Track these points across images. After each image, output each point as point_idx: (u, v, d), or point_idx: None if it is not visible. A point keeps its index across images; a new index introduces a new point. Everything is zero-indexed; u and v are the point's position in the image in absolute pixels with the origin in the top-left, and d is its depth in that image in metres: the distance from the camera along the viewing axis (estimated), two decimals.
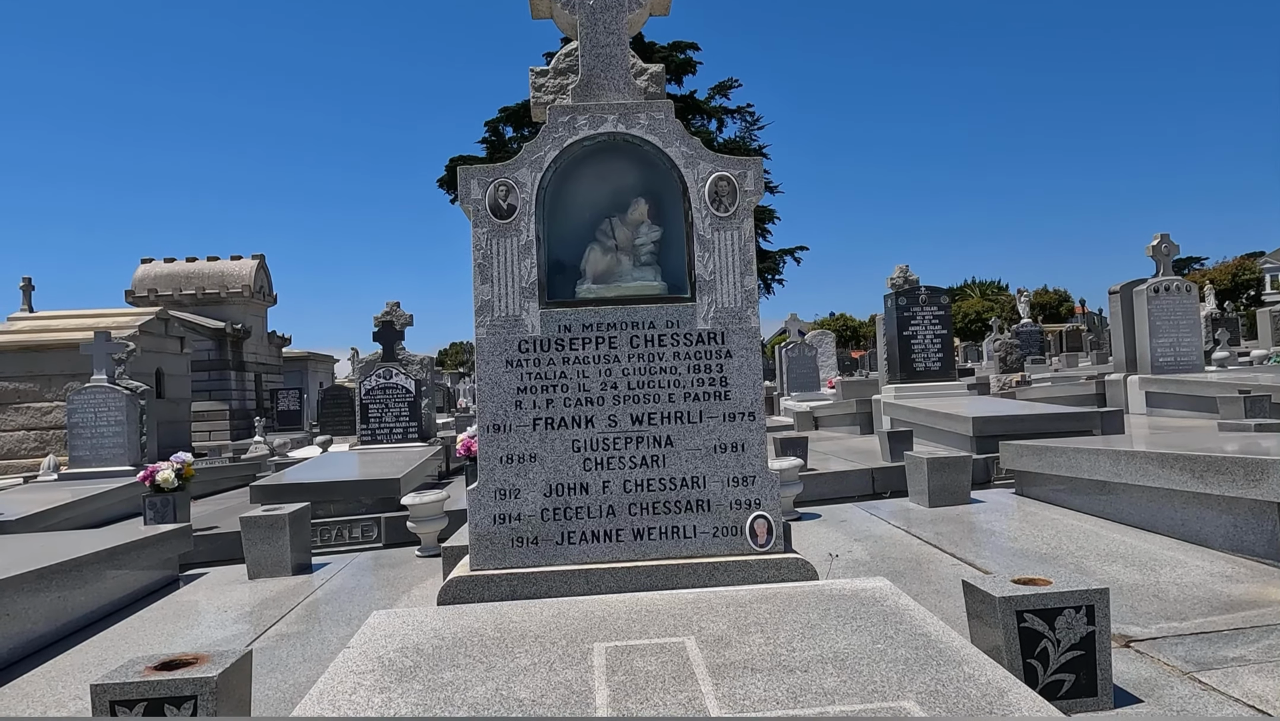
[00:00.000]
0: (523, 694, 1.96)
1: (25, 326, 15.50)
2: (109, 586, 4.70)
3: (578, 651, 2.22)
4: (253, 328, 23.06)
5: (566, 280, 3.06)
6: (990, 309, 49.01)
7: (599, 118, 2.97)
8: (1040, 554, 4.45)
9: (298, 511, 5.49)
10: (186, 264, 23.47)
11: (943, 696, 1.85)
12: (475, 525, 2.89)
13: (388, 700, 1.96)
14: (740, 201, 2.97)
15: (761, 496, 2.94)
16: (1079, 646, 2.62)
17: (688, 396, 2.95)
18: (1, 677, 3.63)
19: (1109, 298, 12.72)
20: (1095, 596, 2.64)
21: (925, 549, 4.80)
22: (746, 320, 2.98)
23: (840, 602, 2.54)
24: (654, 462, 2.91)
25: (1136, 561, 4.15)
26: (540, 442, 2.91)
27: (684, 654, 2.17)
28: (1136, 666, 2.90)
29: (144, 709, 2.40)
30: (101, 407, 10.27)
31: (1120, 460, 4.89)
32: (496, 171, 2.94)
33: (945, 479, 6.02)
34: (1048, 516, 5.39)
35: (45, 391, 14.61)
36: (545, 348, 2.93)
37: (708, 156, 2.99)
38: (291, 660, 3.53)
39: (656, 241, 3.06)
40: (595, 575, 2.82)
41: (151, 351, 15.12)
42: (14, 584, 3.94)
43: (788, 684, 1.96)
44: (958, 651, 2.12)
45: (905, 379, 10.85)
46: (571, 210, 3.08)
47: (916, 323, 10.94)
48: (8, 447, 14.82)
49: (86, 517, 8.23)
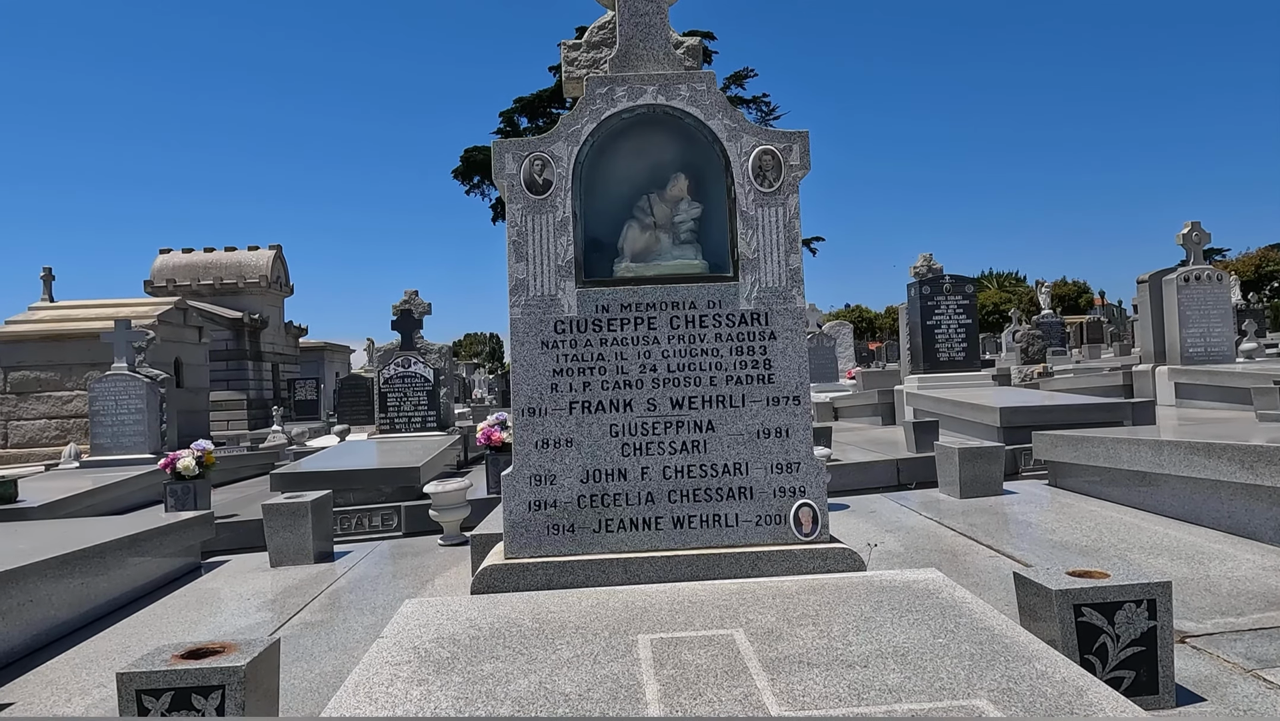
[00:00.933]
0: (568, 687, 1.87)
1: (46, 316, 15.58)
2: (131, 573, 4.66)
3: (622, 643, 2.12)
4: (270, 318, 23.11)
5: (604, 258, 2.96)
6: (1008, 300, 48.58)
7: (638, 89, 2.85)
8: (1081, 546, 4.32)
9: (320, 499, 5.43)
10: (204, 254, 23.55)
11: (1017, 695, 1.74)
12: (510, 511, 2.80)
13: (427, 692, 1.87)
14: (785, 176, 2.85)
15: (806, 484, 2.83)
16: (1139, 642, 2.51)
17: (729, 380, 2.84)
18: (26, 664, 3.59)
19: (1137, 287, 12.50)
20: (1157, 590, 2.52)
21: (960, 540, 4.68)
22: (791, 300, 2.86)
23: (892, 594, 2.44)
24: (695, 448, 2.81)
25: (1183, 554, 4.01)
26: (577, 427, 2.81)
27: (734, 646, 2.07)
28: (1195, 663, 2.78)
29: (170, 698, 2.33)
30: (122, 396, 10.28)
31: (1163, 450, 4.74)
32: (532, 145, 2.83)
33: (977, 469, 5.88)
34: (1085, 508, 5.25)
35: (66, 380, 14.68)
36: (582, 328, 2.83)
37: (751, 130, 2.87)
38: (317, 649, 3.47)
39: (697, 218, 2.95)
40: (634, 564, 2.72)
41: (170, 341, 15.16)
42: (37, 570, 3.89)
43: (848, 679, 1.86)
44: (1025, 647, 2.01)
45: (929, 369, 10.69)
46: (609, 186, 2.97)
47: (940, 312, 10.76)
48: (30, 436, 14.91)
49: (108, 505, 8.23)
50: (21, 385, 14.92)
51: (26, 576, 3.81)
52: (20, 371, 14.90)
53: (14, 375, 14.91)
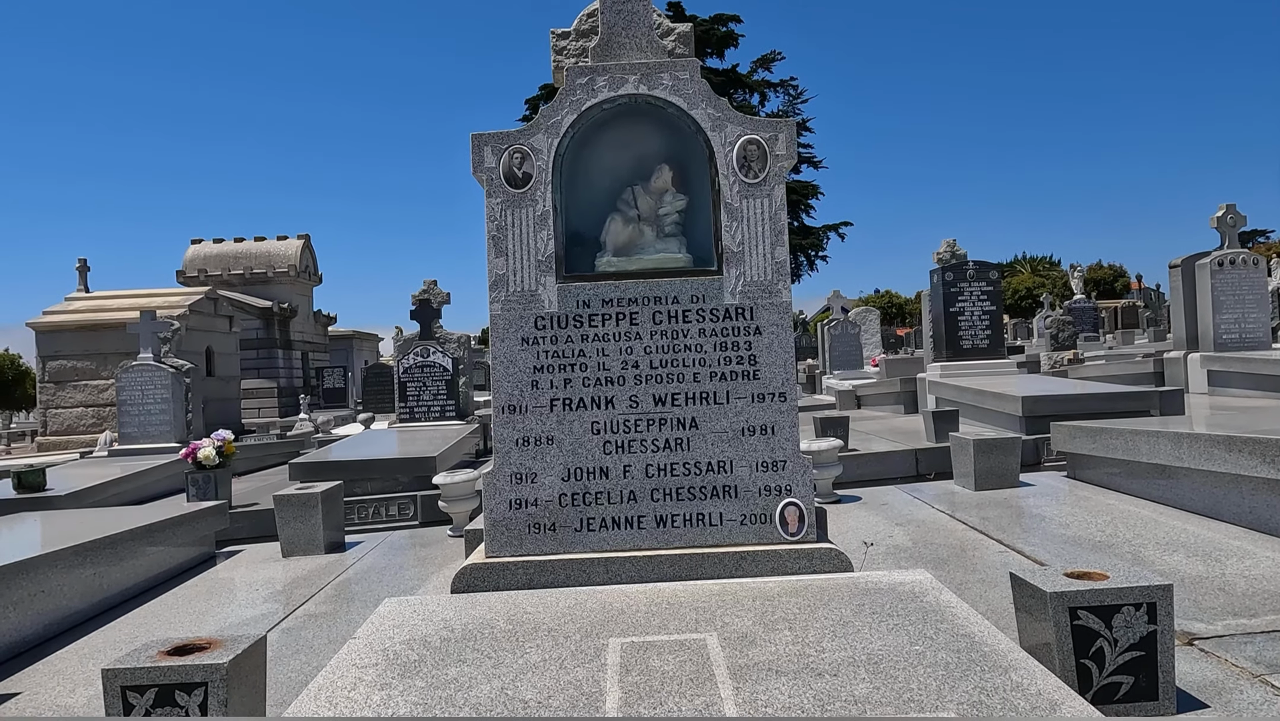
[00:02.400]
0: (528, 694, 1.84)
1: (82, 306, 15.92)
2: (145, 563, 4.73)
3: (591, 647, 2.09)
4: (299, 307, 23.41)
5: (585, 253, 2.90)
6: (1041, 285, 47.59)
7: (619, 79, 2.79)
8: (1094, 541, 4.20)
9: (330, 490, 5.48)
10: (234, 244, 23.88)
11: (986, 708, 1.68)
12: (490, 510, 2.78)
13: (387, 697, 1.86)
14: (771, 167, 2.78)
15: (793, 482, 2.77)
16: (1138, 646, 2.43)
17: (714, 376, 2.78)
18: (37, 653, 3.66)
19: (1169, 272, 12.13)
20: (1158, 593, 2.43)
21: (970, 534, 4.58)
22: (777, 294, 2.79)
23: (876, 597, 2.37)
24: (678, 446, 2.76)
25: (1199, 551, 3.88)
26: (558, 424, 2.78)
27: (704, 652, 2.03)
28: (1201, 667, 2.68)
29: (155, 695, 2.35)
30: (148, 385, 10.47)
31: (1182, 443, 4.59)
32: (511, 138, 2.79)
33: (992, 461, 5.76)
34: (1102, 501, 5.12)
35: (101, 369, 15.01)
36: (563, 324, 2.79)
37: (736, 119, 2.79)
38: (316, 642, 3.49)
39: (681, 211, 2.89)
40: (615, 564, 2.69)
41: (201, 330, 15.41)
42: (49, 560, 3.97)
43: (815, 689, 1.81)
44: (1004, 656, 1.94)
45: (951, 356, 10.50)
46: (591, 179, 2.91)
47: (964, 299, 10.55)
48: (67, 424, 15.29)
49: (134, 493, 8.40)
50: (59, 374, 15.28)
51: (39, 567, 3.88)
52: (58, 361, 15.27)
53: (52, 364, 15.29)
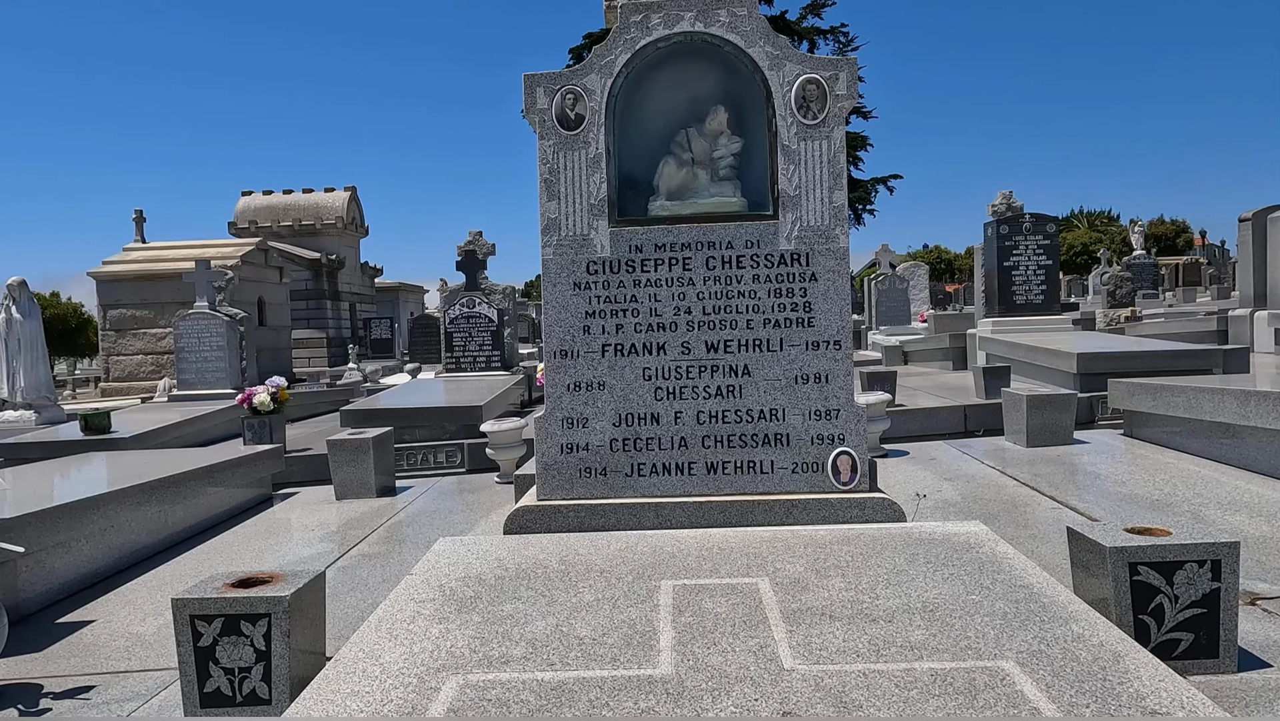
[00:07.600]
0: (583, 631, 1.86)
1: (139, 256, 16.34)
2: (207, 502, 4.91)
3: (644, 588, 2.11)
4: (346, 258, 23.73)
5: (638, 196, 2.86)
6: (1098, 241, 45.95)
7: (674, 16, 2.70)
8: (1152, 500, 4.10)
9: (381, 435, 5.59)
10: (283, 196, 24.20)
11: (1047, 658, 1.65)
12: (542, 454, 2.80)
13: (445, 630, 1.90)
14: (831, 107, 2.69)
15: (845, 431, 2.74)
16: (1200, 604, 2.37)
17: (767, 323, 2.74)
18: (107, 585, 3.84)
19: (1239, 225, 11.61)
20: (1223, 550, 2.36)
21: (1022, 490, 4.51)
22: (834, 240, 2.72)
23: (930, 547, 2.35)
24: (730, 393, 2.74)
25: (1264, 511, 3.77)
26: (609, 370, 2.77)
27: (756, 596, 2.03)
28: (1264, 627, 2.62)
29: (221, 624, 2.45)
30: (204, 333, 10.75)
31: (1249, 401, 4.43)
32: (564, 78, 2.74)
33: (1046, 417, 5.63)
34: (1160, 460, 4.98)
35: (159, 318, 15.45)
36: (615, 269, 2.76)
37: (795, 57, 2.69)
38: (371, 580, 3.60)
39: (736, 154, 2.81)
40: (666, 509, 2.70)
41: (253, 280, 15.74)
42: (118, 497, 4.13)
43: (869, 634, 1.80)
44: (1064, 607, 1.91)
45: (1004, 312, 10.23)
46: (644, 120, 2.85)
47: (1019, 252, 10.23)
48: (128, 371, 15.84)
49: (193, 437, 8.69)
50: (119, 322, 15.78)
51: (109, 503, 4.05)
52: (118, 309, 15.76)
53: (112, 313, 15.78)
